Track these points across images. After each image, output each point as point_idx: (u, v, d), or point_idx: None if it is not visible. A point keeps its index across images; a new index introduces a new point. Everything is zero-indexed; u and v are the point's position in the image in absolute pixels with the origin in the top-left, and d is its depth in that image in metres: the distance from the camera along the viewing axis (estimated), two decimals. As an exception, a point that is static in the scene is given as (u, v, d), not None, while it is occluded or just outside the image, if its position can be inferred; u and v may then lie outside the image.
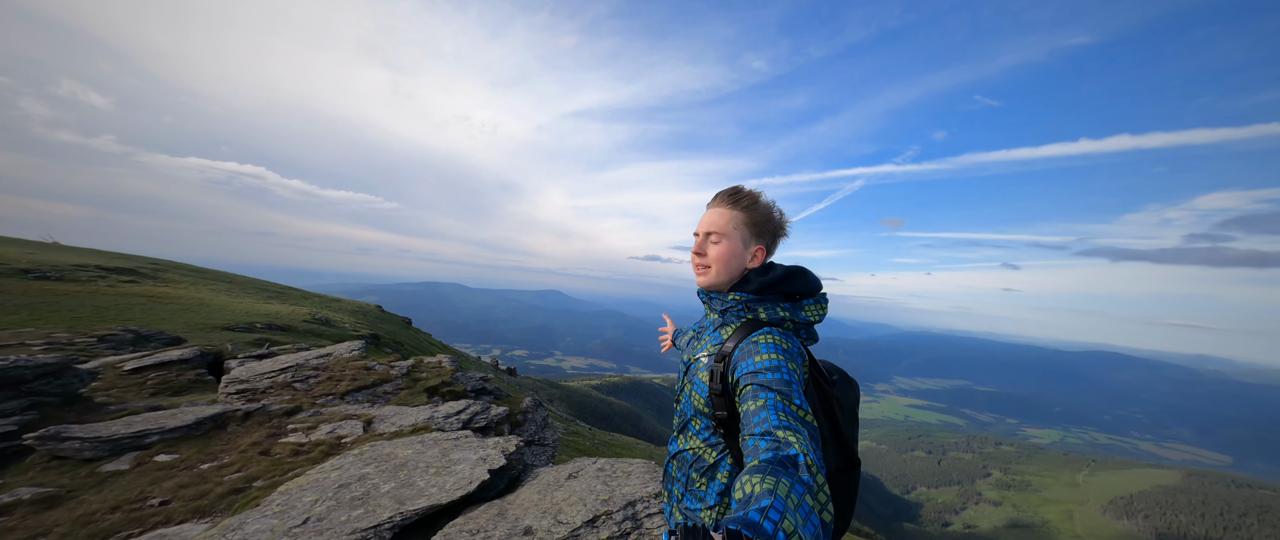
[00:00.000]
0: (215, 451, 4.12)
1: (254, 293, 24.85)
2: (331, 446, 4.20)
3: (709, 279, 1.18)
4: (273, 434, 4.49)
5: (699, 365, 1.19)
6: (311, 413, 5.24)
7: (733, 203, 1.17)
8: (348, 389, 6.82)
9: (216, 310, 19.40)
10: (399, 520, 2.37)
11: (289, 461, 3.89)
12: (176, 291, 20.32)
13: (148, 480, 3.61)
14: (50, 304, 15.13)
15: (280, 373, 7.06)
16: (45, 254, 21.71)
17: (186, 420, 4.44)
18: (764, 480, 1.09)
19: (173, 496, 3.37)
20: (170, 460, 3.95)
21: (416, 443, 3.66)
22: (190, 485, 3.51)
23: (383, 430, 4.65)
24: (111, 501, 3.31)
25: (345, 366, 7.65)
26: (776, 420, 1.09)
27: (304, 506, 2.54)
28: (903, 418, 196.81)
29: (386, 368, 7.89)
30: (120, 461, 3.88)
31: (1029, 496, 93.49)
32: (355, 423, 4.87)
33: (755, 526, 1.08)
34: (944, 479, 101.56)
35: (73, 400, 4.83)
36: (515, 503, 2.59)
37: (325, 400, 6.27)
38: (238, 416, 4.75)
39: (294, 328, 20.66)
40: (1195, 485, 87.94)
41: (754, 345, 1.14)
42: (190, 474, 3.70)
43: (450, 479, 2.76)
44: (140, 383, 6.87)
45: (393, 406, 5.89)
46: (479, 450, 3.21)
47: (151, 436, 4.18)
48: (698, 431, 1.18)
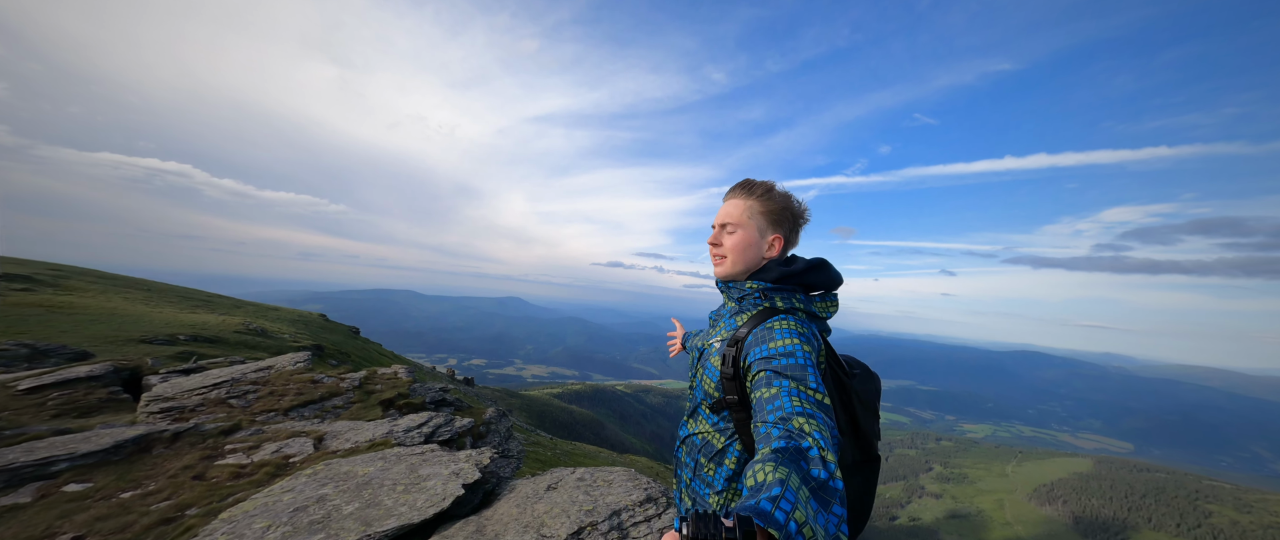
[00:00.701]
0: (138, 478, 3.67)
1: (177, 301, 22.61)
2: (278, 467, 3.84)
3: (725, 269, 1.18)
4: (208, 456, 4.05)
5: (712, 350, 1.19)
6: (253, 431, 4.79)
7: (747, 193, 1.16)
8: (293, 404, 6.31)
9: (131, 321, 17.49)
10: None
11: (229, 485, 3.52)
12: (82, 301, 18.12)
13: (56, 514, 3.15)
14: (-80, 315, 13.12)
15: (213, 388, 6.42)
16: (-86, 258, 18.88)
17: (103, 444, 3.93)
18: (777, 469, 1.07)
19: (88, 530, 2.96)
20: (82, 489, 3.47)
21: (378, 459, 3.42)
22: (109, 517, 3.10)
23: (336, 447, 4.31)
24: (19, 533, 2.86)
25: (289, 380, 7.07)
26: (791, 408, 1.08)
27: (254, 534, 2.30)
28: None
29: (336, 380, 7.37)
30: (20, 494, 3.37)
31: (966, 488, 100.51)
32: (305, 440, 4.49)
33: (767, 516, 1.07)
34: (890, 475, 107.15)
35: (-45, 426, 4.16)
36: (493, 518, 2.47)
37: (267, 417, 5.76)
38: (165, 438, 4.26)
39: (224, 339, 18.94)
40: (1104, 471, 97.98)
41: (768, 331, 1.13)
42: (108, 505, 3.27)
43: (421, 496, 2.59)
44: (39, 403, 6.05)
45: (345, 421, 5.50)
46: (450, 464, 3.05)
47: (59, 463, 3.67)
48: (708, 416, 1.18)
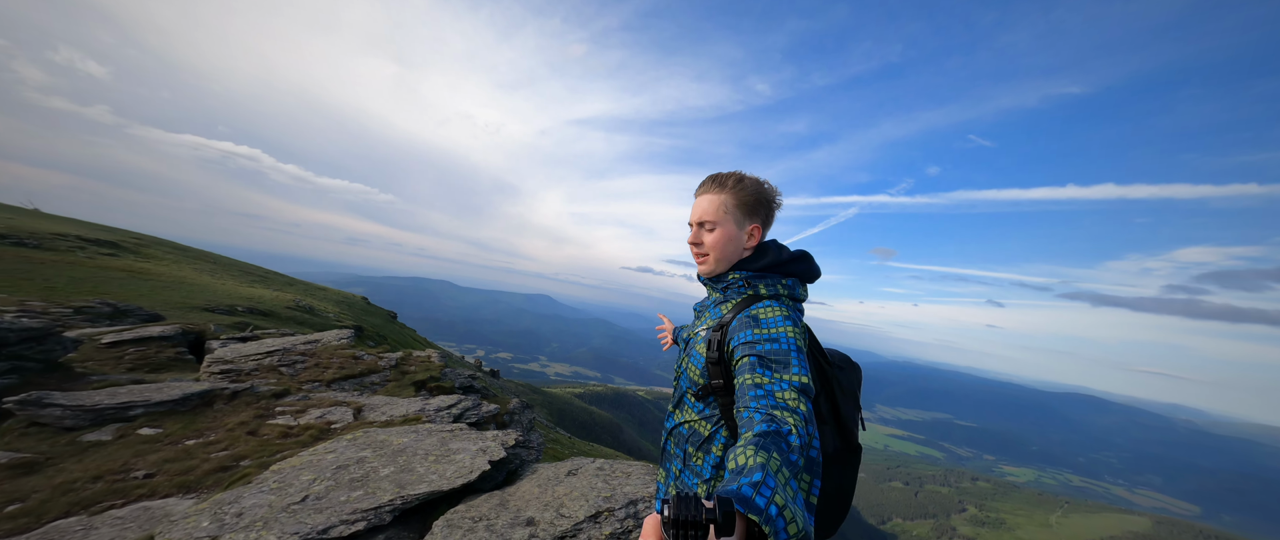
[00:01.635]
0: (201, 428, 4.03)
1: (237, 275, 24.36)
2: (321, 431, 4.12)
3: (708, 267, 1.19)
4: (260, 415, 4.40)
5: (698, 338, 1.20)
6: (300, 397, 5.14)
7: (718, 187, 1.17)
8: (335, 377, 6.71)
9: (197, 290, 18.96)
10: (400, 504, 2.34)
11: (278, 442, 3.81)
12: (158, 268, 19.83)
13: (131, 452, 3.51)
14: (24, 271, 14.69)
15: (266, 356, 6.92)
16: (24, 220, 21.11)
17: (173, 395, 4.33)
18: (758, 453, 1.06)
19: (157, 470, 3.28)
20: (154, 433, 3.85)
21: (411, 432, 3.62)
22: (175, 460, 3.43)
23: (374, 418, 4.58)
24: (93, 471, 3.22)
25: (333, 354, 7.53)
26: (773, 393, 1.06)
27: (302, 485, 2.50)
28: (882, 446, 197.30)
29: (375, 359, 7.78)
30: (102, 432, 3.77)
31: (1003, 535, 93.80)
32: (345, 409, 4.79)
33: (747, 500, 1.06)
34: (920, 512, 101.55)
35: (54, 368, 4.70)
36: (516, 495, 2.58)
37: (312, 386, 6.16)
38: (225, 395, 4.65)
39: (277, 313, 20.26)
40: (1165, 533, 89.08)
41: (753, 317, 1.13)
42: (175, 449, 3.61)
43: (450, 467, 2.74)
44: (118, 356, 6.69)
45: (382, 397, 5.81)
46: (478, 442, 3.19)
47: (136, 409, 4.08)
48: (693, 404, 1.19)
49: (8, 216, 21.32)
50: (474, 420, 5.19)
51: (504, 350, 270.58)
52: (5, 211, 23.47)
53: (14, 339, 4.36)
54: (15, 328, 4.41)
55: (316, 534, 2.12)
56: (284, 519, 2.18)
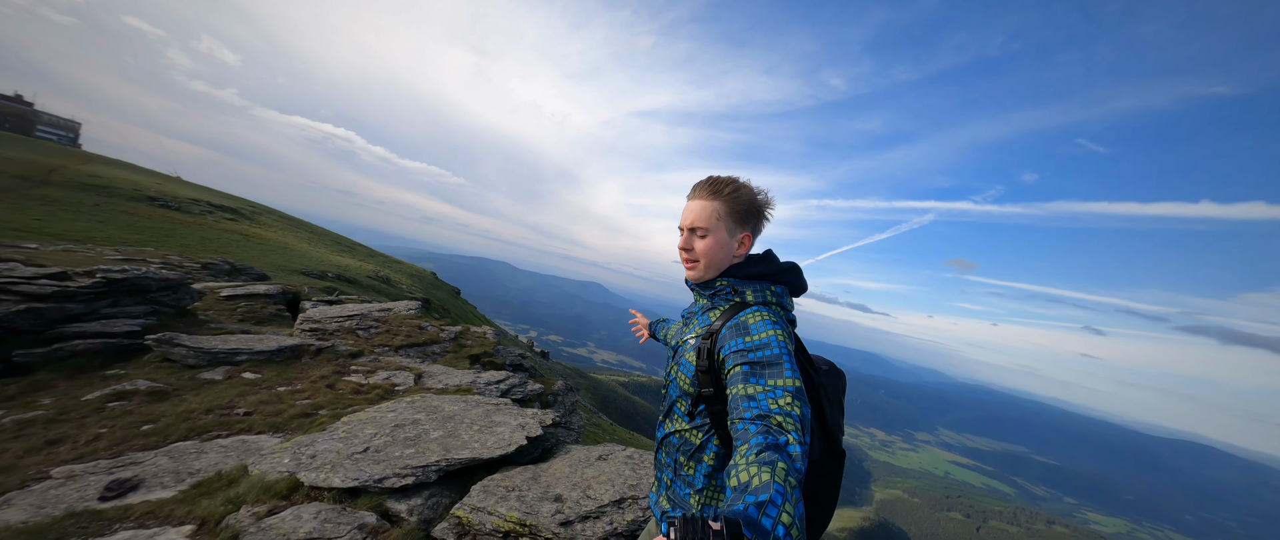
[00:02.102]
0: (290, 378, 4.61)
1: (330, 244, 27.13)
2: (386, 391, 4.57)
3: (698, 273, 1.20)
4: (338, 371, 4.95)
5: (686, 346, 1.22)
6: (371, 359, 5.72)
7: (713, 195, 1.16)
8: (402, 344, 7.34)
9: (297, 255, 21.35)
10: (444, 465, 2.57)
11: (350, 398, 4.28)
12: (267, 233, 22.59)
13: (236, 392, 4.11)
14: (167, 230, 17.28)
15: (347, 319, 7.70)
16: (169, 186, 24.80)
17: (271, 346, 4.98)
18: (761, 470, 1.01)
19: (254, 410, 3.81)
20: (255, 378, 4.46)
21: (461, 401, 3.92)
22: (269, 403, 3.96)
23: (431, 385, 4.99)
24: (206, 404, 3.81)
25: (402, 323, 8.22)
26: (768, 403, 1.01)
27: (365, 437, 2.81)
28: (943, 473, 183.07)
29: (437, 330, 8.39)
30: (215, 372, 4.44)
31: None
32: (408, 374, 5.26)
33: (754, 523, 1.02)
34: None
35: (182, 314, 5.55)
36: (547, 471, 2.73)
37: (382, 350, 6.79)
38: (311, 351, 5.27)
39: (359, 281, 22.35)
40: (1292, 616, 75.12)
41: (742, 325, 1.09)
42: (269, 393, 4.17)
43: (492, 437, 2.95)
44: (232, 308, 7.75)
45: (440, 366, 6.29)
46: (518, 417, 3.39)
47: (242, 355, 4.74)
48: (683, 413, 1.19)
49: (158, 182, 25.13)
50: (519, 397, 5.49)
51: (555, 333, 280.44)
52: (156, 178, 27.64)
53: (155, 286, 5.21)
54: (156, 277, 5.27)
55: (373, 482, 2.38)
56: (347, 465, 2.47)
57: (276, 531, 2.04)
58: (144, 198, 20.04)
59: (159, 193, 21.49)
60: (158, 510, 2.41)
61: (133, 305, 4.98)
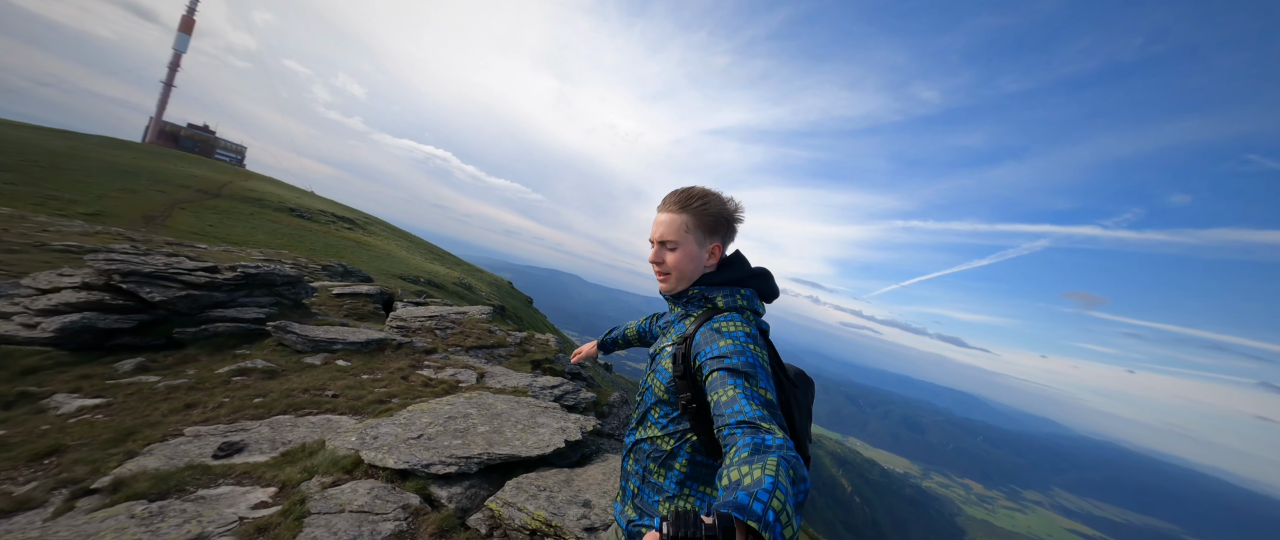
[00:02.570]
0: (373, 368, 5.15)
1: (424, 252, 30.10)
2: (451, 386, 4.94)
3: (670, 285, 1.23)
4: (413, 365, 5.45)
5: (664, 354, 1.23)
6: (442, 356, 6.22)
7: (682, 207, 1.18)
8: (473, 345, 7.87)
9: (396, 261, 23.89)
10: (485, 458, 2.71)
11: (419, 390, 4.68)
12: (375, 241, 25.65)
13: (329, 376, 4.68)
14: (299, 237, 20.21)
15: (428, 319, 8.45)
16: (304, 199, 29.13)
17: (361, 339, 5.62)
18: (752, 469, 1.02)
19: (341, 393, 4.31)
20: (345, 366, 5.05)
21: (513, 401, 4.11)
22: (353, 388, 4.46)
23: (491, 384, 5.30)
24: (304, 385, 4.37)
25: (475, 325, 8.83)
26: (750, 409, 1.01)
27: (420, 425, 3.05)
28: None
29: (505, 334, 8.90)
30: (315, 358, 5.09)
31: None
32: (472, 373, 5.64)
33: (744, 508, 1.02)
34: (1112, 641, 77.10)
35: (298, 306, 6.46)
36: (581, 476, 2.76)
37: (454, 350, 7.35)
38: (393, 345, 5.86)
39: (445, 287, 24.41)
40: None
41: (716, 331, 1.10)
42: (354, 380, 4.69)
43: (533, 437, 3.05)
44: (339, 304, 8.85)
45: (503, 368, 6.65)
46: (561, 421, 3.48)
47: (338, 345, 5.40)
48: (657, 420, 1.21)
49: (296, 196, 29.62)
50: (571, 404, 5.63)
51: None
52: (295, 192, 32.58)
53: (279, 281, 6.13)
54: (280, 274, 6.21)
55: (421, 467, 2.57)
56: (401, 449, 2.69)
57: (335, 501, 2.28)
58: (286, 209, 23.73)
59: (297, 205, 25.32)
60: (253, 471, 2.79)
61: (262, 296, 5.90)
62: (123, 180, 19.86)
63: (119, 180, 19.72)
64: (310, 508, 2.21)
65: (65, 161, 20.15)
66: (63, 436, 3.27)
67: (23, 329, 4.58)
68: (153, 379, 4.30)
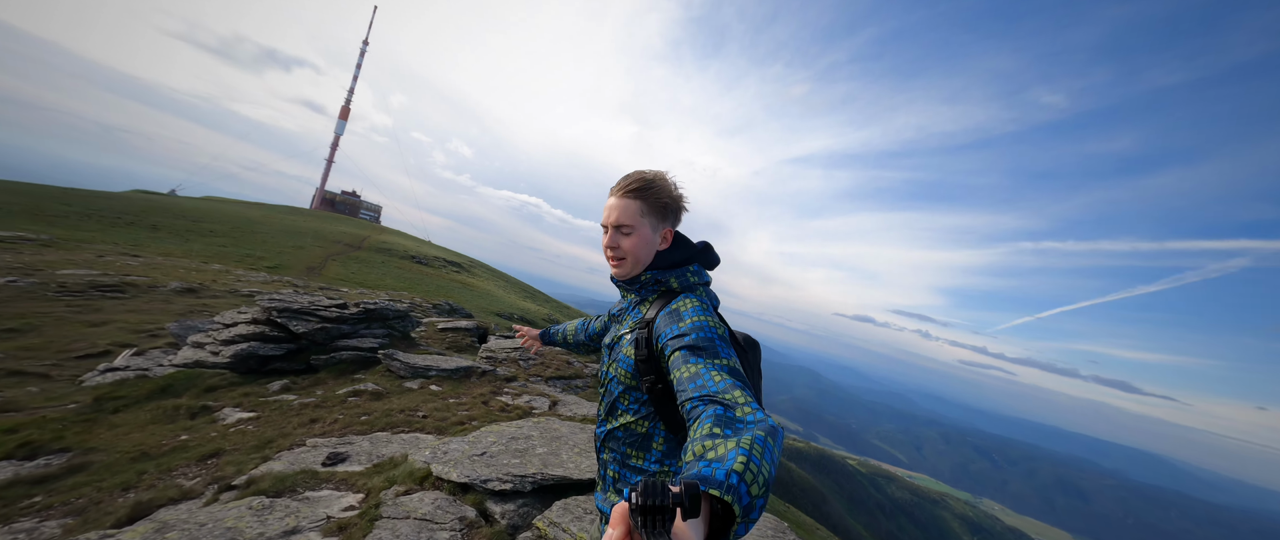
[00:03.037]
0: (460, 393, 5.62)
1: (518, 291, 32.57)
2: (524, 412, 5.19)
3: (625, 270, 1.24)
4: (494, 391, 5.84)
5: (624, 342, 1.24)
6: (521, 384, 6.58)
7: (636, 194, 1.19)
8: (552, 375, 8.21)
9: (494, 299, 26.07)
10: (539, 478, 2.78)
11: (496, 414, 4.99)
12: (478, 282, 28.42)
13: (422, 399, 5.20)
14: (418, 280, 23.03)
15: (514, 350, 9.04)
16: (422, 248, 33.41)
17: (451, 366, 6.19)
18: (717, 442, 1.08)
19: (429, 415, 4.75)
20: (437, 390, 5.58)
21: (576, 427, 4.18)
22: (440, 410, 4.89)
23: (562, 411, 5.46)
24: (402, 406, 4.90)
25: (555, 357, 9.24)
26: (715, 382, 1.08)
27: (485, 444, 3.23)
28: None
29: (582, 366, 9.15)
30: (413, 383, 5.70)
31: None
32: (546, 400, 5.88)
33: (707, 478, 1.08)
34: None
35: (405, 338, 7.35)
36: (631, 504, 2.69)
37: (534, 379, 7.74)
38: (478, 373, 6.35)
39: (535, 322, 25.90)
40: None
41: (676, 312, 1.13)
42: (442, 403, 5.15)
43: (587, 461, 3.07)
44: (443, 337, 9.84)
45: (575, 397, 6.83)
46: (619, 448, 3.45)
47: (432, 372, 6.00)
48: (628, 407, 1.22)
49: (416, 245, 34.09)
50: (640, 435, 5.58)
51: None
52: (415, 242, 37.52)
53: (391, 316, 7.06)
54: (392, 309, 7.15)
55: (479, 482, 2.71)
56: (465, 464, 2.87)
57: (403, 508, 2.48)
58: (408, 257, 27.44)
59: (416, 253, 29.16)
60: (349, 479, 3.16)
61: (378, 329, 6.83)
62: (295, 239, 24.67)
63: (292, 239, 24.53)
64: (382, 512, 2.44)
65: (259, 227, 25.65)
66: (223, 442, 4.02)
67: (210, 355, 5.80)
68: (291, 398, 5.14)
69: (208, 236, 21.19)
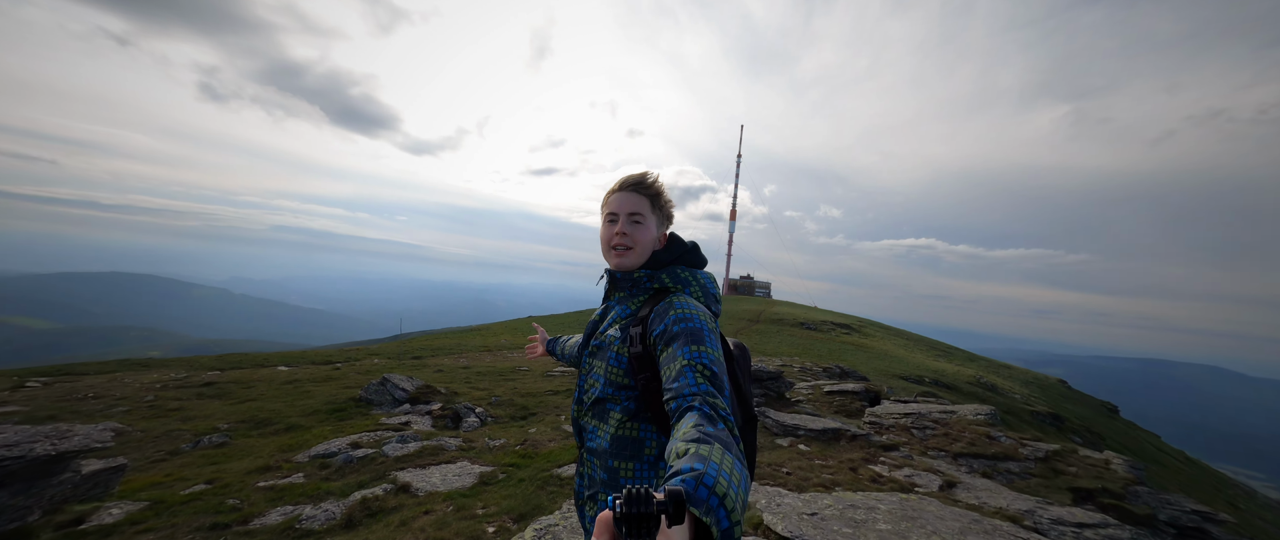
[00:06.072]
0: (826, 455, 5.35)
1: (925, 349, 27.57)
2: (902, 487, 4.29)
3: (630, 261, 1.22)
4: (866, 459, 5.18)
5: (613, 340, 1.20)
6: (904, 455, 5.49)
7: (645, 192, 1.22)
8: (963, 451, 6.41)
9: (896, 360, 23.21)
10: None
11: (865, 484, 4.40)
12: (872, 343, 26.34)
13: (788, 456, 5.32)
14: (809, 345, 23.92)
15: (904, 416, 7.73)
16: (810, 313, 34.67)
17: (819, 427, 6.04)
18: (699, 446, 1.09)
19: (793, 471, 4.79)
20: (804, 450, 5.56)
21: (962, 514, 3.12)
22: (804, 469, 4.84)
23: (961, 497, 4.13)
24: (768, 461, 5.19)
25: (965, 428, 7.19)
26: (697, 380, 1.10)
27: (820, 506, 3.01)
28: None
29: (1015, 444, 6.66)
30: (783, 440, 5.93)
31: None
32: (937, 479, 4.63)
33: (690, 494, 1.07)
34: None
35: (780, 398, 7.82)
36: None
37: (934, 453, 6.25)
38: (848, 436, 5.85)
39: (958, 387, 20.98)
40: None
41: (668, 305, 1.16)
42: (807, 462, 5.07)
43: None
44: (830, 401, 9.73)
45: (993, 483, 4.98)
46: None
47: (800, 431, 6.06)
48: (616, 408, 1.17)
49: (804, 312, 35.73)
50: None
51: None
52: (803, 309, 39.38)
53: (764, 376, 7.78)
54: (764, 370, 7.87)
55: (798, 538, 2.54)
56: (792, 519, 2.77)
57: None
58: (797, 323, 29.22)
59: (805, 319, 30.63)
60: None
61: (755, 390, 7.66)
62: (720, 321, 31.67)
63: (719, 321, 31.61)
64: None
65: (693, 316, 34.83)
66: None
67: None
68: (696, 443, 6.47)
69: (668, 327, 30.58)
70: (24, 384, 8.72)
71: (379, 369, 10.84)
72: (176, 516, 3.68)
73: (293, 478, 4.59)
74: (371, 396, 8.21)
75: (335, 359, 14.01)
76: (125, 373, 10.56)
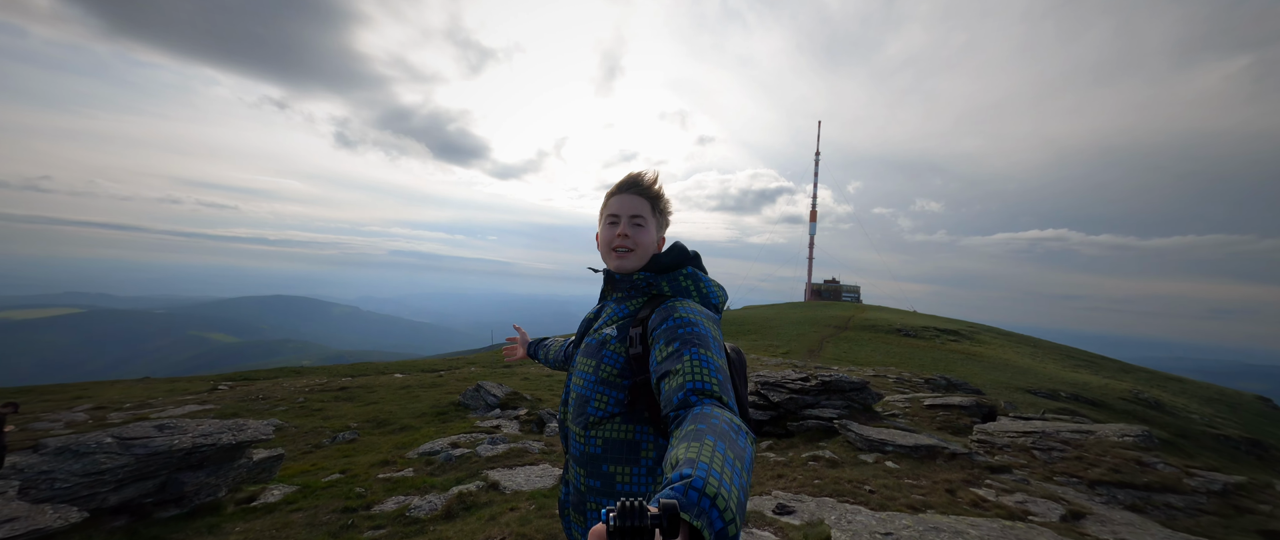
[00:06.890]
0: (919, 474, 4.87)
1: (1059, 358, 23.57)
2: (1011, 514, 3.77)
3: (631, 263, 1.20)
4: (967, 481, 4.62)
5: (610, 339, 1.17)
6: (1018, 479, 4.78)
7: (646, 194, 1.21)
8: (1100, 478, 5.47)
9: (1019, 372, 20.23)
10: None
11: (964, 508, 3.94)
12: (986, 351, 23.15)
13: (873, 473, 4.93)
14: (908, 354, 21.81)
15: (1023, 435, 6.76)
16: (908, 319, 31.46)
17: (910, 443, 5.51)
18: (690, 446, 1.06)
19: (877, 490, 4.44)
20: (893, 467, 5.11)
21: (1082, 551, 2.70)
22: (890, 488, 4.46)
23: (1089, 529, 3.52)
24: (852, 477, 4.86)
25: (1106, 451, 6.11)
26: (698, 379, 1.06)
27: (898, 525, 2.79)
28: None
29: (1178, 473, 5.53)
30: (869, 456, 5.50)
31: None
32: (1058, 508, 3.99)
33: (683, 503, 1.05)
34: None
35: (866, 410, 7.25)
36: None
37: (1062, 479, 5.38)
38: (945, 454, 5.26)
39: (1108, 404, 17.84)
40: None
41: (670, 308, 1.11)
42: (895, 481, 4.66)
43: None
44: (931, 416, 8.82)
45: (1133, 516, 4.16)
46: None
47: (888, 446, 5.58)
48: (607, 410, 1.12)
49: (902, 317, 32.55)
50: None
51: None
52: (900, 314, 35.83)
53: (847, 388, 7.27)
54: (847, 381, 7.36)
55: (871, 562, 2.39)
56: (862, 536, 2.62)
57: (795, 561, 2.57)
58: (894, 330, 26.70)
59: (902, 325, 27.88)
60: (784, 529, 3.55)
61: (836, 400, 7.20)
62: (798, 328, 29.91)
63: (796, 328, 29.87)
64: (780, 559, 2.64)
65: (773, 322, 33.12)
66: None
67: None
68: (772, 455, 6.24)
69: (749, 335, 29.48)
70: (216, 387, 11.04)
71: (474, 377, 11.96)
72: (318, 499, 4.45)
73: (405, 472, 5.28)
74: (468, 401, 9.10)
75: (439, 367, 15.72)
76: (284, 378, 12.88)
